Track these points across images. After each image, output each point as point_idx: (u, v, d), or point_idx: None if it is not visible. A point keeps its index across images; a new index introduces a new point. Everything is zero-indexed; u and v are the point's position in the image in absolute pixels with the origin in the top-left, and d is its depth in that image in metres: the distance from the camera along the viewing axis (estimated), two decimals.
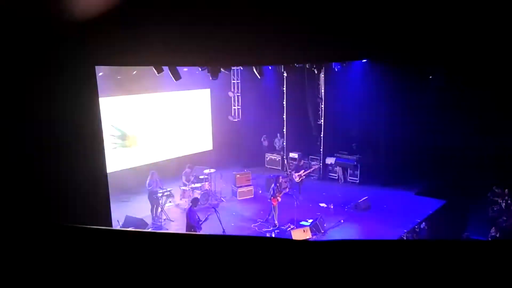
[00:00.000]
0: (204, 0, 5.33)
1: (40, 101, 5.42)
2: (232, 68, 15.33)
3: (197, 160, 15.25)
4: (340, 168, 15.66)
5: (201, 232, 9.79)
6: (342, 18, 5.25)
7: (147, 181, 12.01)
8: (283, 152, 17.16)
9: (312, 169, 15.04)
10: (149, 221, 11.70)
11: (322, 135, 16.13)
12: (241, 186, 14.03)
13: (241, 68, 15.99)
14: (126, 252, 2.26)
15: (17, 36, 4.88)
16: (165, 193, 12.32)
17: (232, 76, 16.87)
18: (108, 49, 6.03)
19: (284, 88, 16.74)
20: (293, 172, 14.17)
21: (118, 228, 10.05)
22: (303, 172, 14.02)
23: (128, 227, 10.38)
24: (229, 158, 16.57)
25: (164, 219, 12.02)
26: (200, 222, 9.94)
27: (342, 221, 12.03)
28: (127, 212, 11.53)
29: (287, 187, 12.29)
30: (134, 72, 13.56)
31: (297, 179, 13.79)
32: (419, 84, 14.43)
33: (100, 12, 4.94)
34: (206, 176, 13.75)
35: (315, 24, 5.42)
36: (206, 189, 13.47)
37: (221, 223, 9.57)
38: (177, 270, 2.13)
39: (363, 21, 5.16)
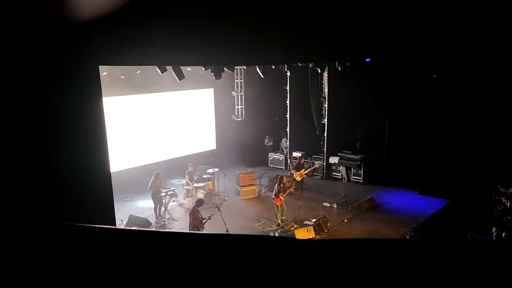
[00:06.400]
0: (208, 0, 5.34)
1: (44, 100, 5.44)
2: (236, 67, 15.33)
3: (200, 160, 15.27)
4: (344, 168, 15.64)
5: (204, 231, 9.80)
6: (345, 19, 5.24)
7: (151, 182, 12.04)
8: (286, 151, 17.16)
9: (313, 168, 15.03)
10: (152, 220, 11.72)
11: (325, 135, 16.11)
12: (244, 186, 14.03)
13: (245, 68, 16.00)
14: (129, 251, 2.27)
15: (21, 36, 4.90)
16: (169, 193, 12.35)
17: (235, 76, 16.87)
18: (112, 48, 6.05)
19: (288, 88, 16.73)
20: (294, 171, 14.18)
21: (121, 227, 10.08)
22: (304, 171, 14.03)
23: (131, 226, 10.41)
24: (233, 157, 16.58)
25: (168, 219, 12.05)
26: (203, 221, 9.95)
27: (345, 220, 12.01)
28: (131, 211, 11.56)
29: (291, 186, 12.28)
30: (138, 72, 13.59)
31: (298, 178, 13.79)
32: (423, 83, 14.38)
33: (104, 12, 4.95)
34: (209, 176, 13.77)
35: (319, 24, 5.43)
36: (210, 189, 13.49)
37: (224, 223, 9.57)
38: (180, 269, 2.14)
39: (366, 21, 5.16)
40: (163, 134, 15.24)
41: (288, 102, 16.85)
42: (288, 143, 17.17)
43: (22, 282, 2.14)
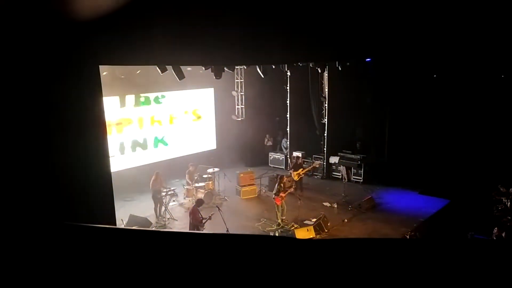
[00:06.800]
0: (209, 0, 5.34)
1: (44, 100, 5.44)
2: (236, 67, 15.31)
3: (200, 159, 15.26)
4: (344, 167, 15.64)
5: (205, 231, 9.80)
6: (345, 19, 5.24)
7: (151, 181, 12.05)
8: (286, 151, 17.16)
9: (311, 167, 15.03)
10: (153, 220, 11.73)
11: (325, 134, 16.11)
12: (244, 185, 14.03)
13: (245, 68, 15.99)
14: (130, 251, 2.27)
15: (21, 36, 4.90)
16: (169, 192, 12.35)
17: (235, 75, 16.85)
18: (112, 48, 6.05)
19: (288, 87, 16.73)
20: (291, 171, 14.19)
21: (122, 227, 10.08)
22: (302, 170, 14.03)
23: (132, 226, 10.41)
24: (233, 157, 16.56)
25: (168, 218, 12.04)
26: (203, 221, 9.95)
27: (345, 220, 12.01)
28: (131, 211, 11.56)
29: (291, 186, 12.28)
30: (138, 72, 13.59)
31: (296, 178, 13.79)
32: (423, 83, 14.38)
33: (104, 12, 4.95)
34: (209, 175, 13.76)
35: (319, 24, 5.42)
36: (210, 188, 13.49)
37: (224, 222, 9.57)
38: (180, 268, 2.14)
39: (366, 22, 5.16)
40: (163, 134, 15.24)
41: (288, 102, 16.85)
42: (288, 143, 17.17)
43: (24, 281, 2.14)
